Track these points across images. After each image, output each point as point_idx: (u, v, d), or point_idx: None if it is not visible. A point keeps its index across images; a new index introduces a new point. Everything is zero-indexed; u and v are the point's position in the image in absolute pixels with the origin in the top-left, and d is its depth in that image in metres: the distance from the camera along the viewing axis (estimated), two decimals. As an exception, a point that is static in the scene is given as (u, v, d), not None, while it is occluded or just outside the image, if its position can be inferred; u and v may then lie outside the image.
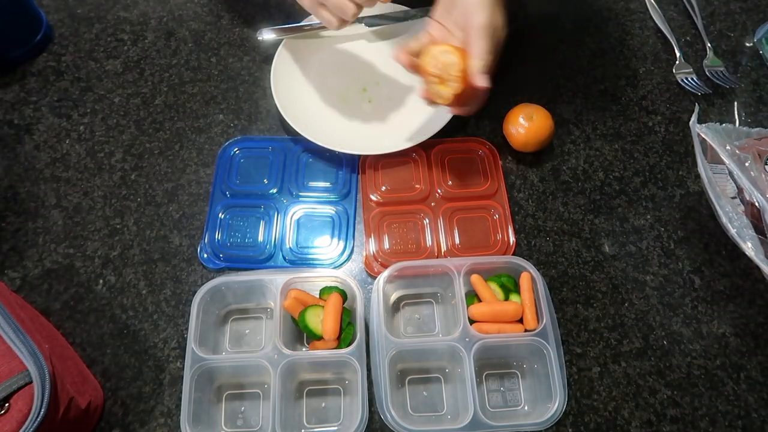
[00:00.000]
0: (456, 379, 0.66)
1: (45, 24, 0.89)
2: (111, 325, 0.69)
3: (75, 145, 0.81)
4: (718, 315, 0.70)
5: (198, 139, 0.82)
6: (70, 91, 0.86)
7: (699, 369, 0.67)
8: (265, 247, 0.73)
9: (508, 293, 0.68)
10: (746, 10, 0.95)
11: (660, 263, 0.74)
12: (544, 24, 0.93)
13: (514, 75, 0.88)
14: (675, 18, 0.94)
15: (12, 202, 0.76)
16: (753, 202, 0.68)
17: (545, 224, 0.76)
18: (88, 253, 0.73)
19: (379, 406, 0.61)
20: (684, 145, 0.82)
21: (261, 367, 0.62)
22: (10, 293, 0.64)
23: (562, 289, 0.72)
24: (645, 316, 0.70)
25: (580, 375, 0.67)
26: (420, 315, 0.71)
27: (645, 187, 0.79)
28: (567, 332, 0.69)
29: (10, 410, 0.52)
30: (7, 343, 0.55)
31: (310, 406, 0.65)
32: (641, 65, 0.89)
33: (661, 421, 0.65)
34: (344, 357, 0.62)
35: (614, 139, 0.83)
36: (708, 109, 0.85)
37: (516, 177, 0.79)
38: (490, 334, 0.64)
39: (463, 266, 0.67)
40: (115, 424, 0.64)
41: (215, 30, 0.92)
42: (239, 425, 0.64)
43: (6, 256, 0.73)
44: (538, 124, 0.77)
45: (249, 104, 0.85)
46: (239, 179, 0.78)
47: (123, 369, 0.67)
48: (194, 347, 0.62)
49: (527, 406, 0.65)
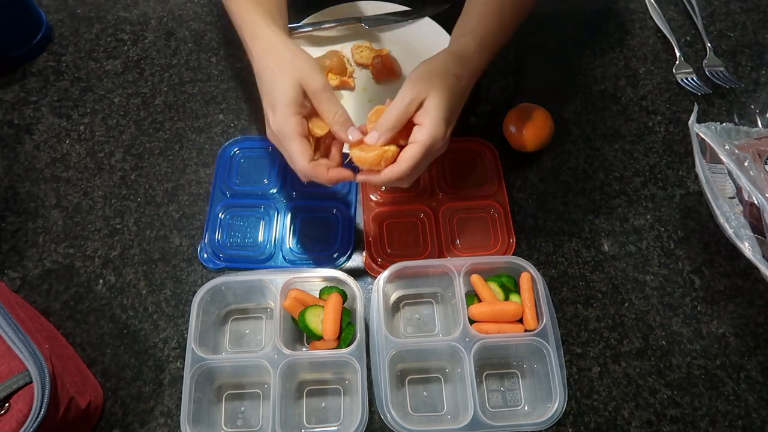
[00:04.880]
0: (456, 379, 0.66)
1: (45, 24, 0.89)
2: (111, 325, 0.69)
3: (75, 145, 0.81)
4: (718, 315, 0.70)
5: (198, 139, 0.82)
6: (70, 91, 0.86)
7: (699, 369, 0.67)
8: (265, 247, 0.73)
9: (508, 293, 0.68)
10: (746, 10, 0.95)
11: (660, 263, 0.74)
12: (544, 24, 0.93)
13: (514, 75, 0.88)
14: (675, 18, 0.94)
15: (12, 202, 0.76)
16: (752, 202, 0.68)
17: (545, 224, 0.76)
18: (88, 253, 0.73)
19: (379, 406, 0.61)
20: (684, 145, 0.82)
21: (261, 367, 0.62)
22: (10, 293, 0.64)
23: (562, 289, 0.72)
24: (645, 316, 0.70)
25: (580, 375, 0.67)
26: (420, 315, 0.71)
27: (645, 187, 0.79)
28: (567, 332, 0.69)
29: (10, 410, 0.52)
30: (7, 343, 0.55)
31: (310, 406, 0.65)
32: (641, 65, 0.89)
33: (661, 421, 0.65)
34: (344, 357, 0.62)
35: (614, 139, 0.83)
36: (708, 109, 0.85)
37: (516, 177, 0.79)
38: (490, 334, 0.64)
39: (463, 266, 0.67)
40: (115, 424, 0.64)
41: (215, 30, 0.92)
42: (239, 425, 0.64)
43: (6, 256, 0.73)
44: (538, 124, 0.77)
45: (249, 104, 0.85)
46: (239, 179, 0.78)
47: (123, 369, 0.67)
48: (194, 347, 0.62)
49: (527, 406, 0.65)
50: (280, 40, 0.63)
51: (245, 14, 0.66)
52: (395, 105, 0.60)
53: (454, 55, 0.65)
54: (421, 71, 0.62)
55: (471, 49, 0.65)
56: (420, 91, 0.60)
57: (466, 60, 0.65)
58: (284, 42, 0.63)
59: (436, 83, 0.60)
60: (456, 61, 0.64)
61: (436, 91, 0.60)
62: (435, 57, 0.64)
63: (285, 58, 0.61)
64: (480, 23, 0.68)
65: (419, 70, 0.62)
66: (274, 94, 0.60)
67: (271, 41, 0.63)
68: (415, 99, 0.59)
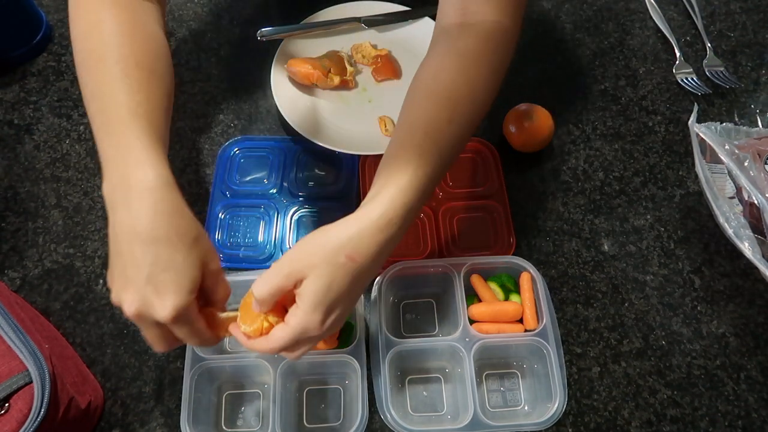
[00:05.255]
0: (456, 379, 0.66)
1: (45, 24, 0.89)
2: (111, 325, 0.69)
3: (75, 145, 0.81)
4: (718, 315, 0.70)
5: (198, 139, 0.82)
6: (70, 91, 0.86)
7: (699, 369, 0.67)
8: (265, 247, 0.73)
9: (508, 293, 0.68)
10: (746, 10, 0.95)
11: (660, 263, 0.74)
12: (544, 24, 0.93)
13: (514, 75, 0.88)
14: (675, 18, 0.94)
15: (12, 202, 0.76)
16: (752, 202, 0.68)
17: (545, 224, 0.76)
18: (88, 253, 0.73)
19: (379, 406, 0.61)
20: (684, 145, 0.82)
21: (261, 367, 0.62)
22: (10, 293, 0.64)
23: (562, 289, 0.72)
24: (645, 316, 0.70)
25: (580, 375, 0.67)
26: (420, 315, 0.71)
27: (645, 187, 0.79)
28: (567, 332, 0.69)
29: (10, 410, 0.52)
30: (7, 343, 0.55)
31: (310, 406, 0.65)
32: (641, 65, 0.89)
33: (661, 421, 0.65)
34: (344, 357, 0.62)
35: (614, 139, 0.83)
36: (708, 109, 0.85)
37: (516, 177, 0.79)
38: (490, 334, 0.64)
39: (463, 266, 0.67)
40: (115, 424, 0.64)
41: (215, 30, 0.92)
42: (239, 425, 0.64)
43: (6, 256, 0.73)
44: (538, 124, 0.77)
45: (249, 104, 0.85)
46: (239, 179, 0.78)
47: (123, 369, 0.67)
48: (194, 347, 0.62)
49: (527, 406, 0.65)
50: (183, 203, 0.48)
51: (117, 123, 0.49)
52: (268, 276, 0.48)
53: (360, 223, 0.49)
54: (308, 241, 0.49)
55: (394, 210, 0.50)
56: (297, 268, 0.48)
57: (377, 232, 0.49)
58: (176, 192, 0.48)
59: (316, 263, 0.47)
60: (357, 237, 0.49)
61: (316, 273, 0.47)
62: (334, 225, 0.50)
63: (194, 232, 0.47)
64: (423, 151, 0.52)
65: (306, 239, 0.49)
66: (169, 273, 0.46)
67: (175, 204, 0.48)
68: (291, 275, 0.48)
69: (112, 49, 0.52)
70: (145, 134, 0.49)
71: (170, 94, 0.55)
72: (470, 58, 0.57)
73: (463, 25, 0.58)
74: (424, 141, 0.53)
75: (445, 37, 0.59)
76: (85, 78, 0.53)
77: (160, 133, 0.50)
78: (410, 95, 0.58)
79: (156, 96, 0.52)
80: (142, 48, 0.53)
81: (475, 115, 0.57)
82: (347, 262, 0.48)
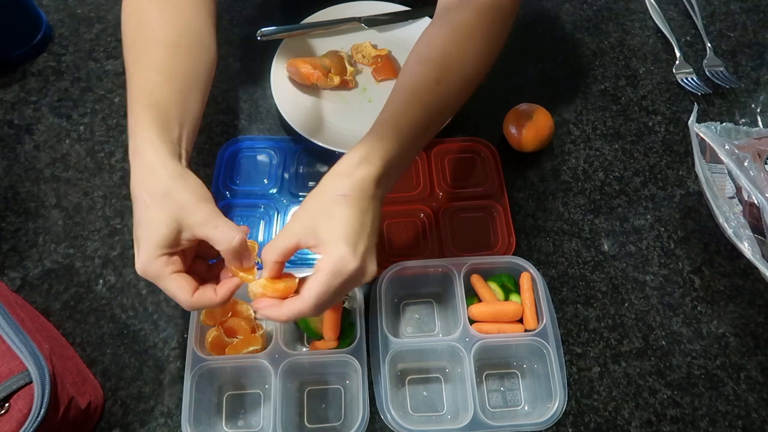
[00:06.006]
0: (456, 379, 0.66)
1: (45, 24, 0.89)
2: (111, 325, 0.69)
3: (75, 145, 0.81)
4: (718, 315, 0.70)
5: (198, 139, 0.81)
6: (70, 91, 0.86)
7: (699, 369, 0.67)
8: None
9: (508, 293, 0.68)
10: (746, 10, 0.95)
11: (660, 263, 0.74)
12: (544, 24, 0.93)
13: (514, 75, 0.88)
14: (675, 18, 0.94)
15: (12, 202, 0.76)
16: (752, 202, 0.68)
17: (545, 224, 0.76)
18: (88, 253, 0.73)
19: (379, 406, 0.61)
20: (684, 145, 0.82)
21: (261, 367, 0.62)
22: (10, 293, 0.64)
23: (562, 289, 0.72)
24: (645, 316, 0.70)
25: (580, 375, 0.67)
26: (420, 315, 0.71)
27: (645, 187, 0.79)
28: (567, 332, 0.69)
29: (10, 410, 0.52)
30: (7, 343, 0.55)
31: (311, 406, 0.65)
32: (641, 65, 0.90)
33: (661, 421, 0.65)
34: (344, 357, 0.62)
35: (614, 139, 0.83)
36: (708, 109, 0.85)
37: (516, 177, 0.79)
38: (490, 334, 0.64)
39: (463, 266, 0.67)
40: (115, 424, 0.64)
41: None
42: (240, 425, 0.64)
43: (6, 256, 0.73)
44: (538, 124, 0.78)
45: (249, 104, 0.85)
46: (239, 179, 0.78)
47: (123, 369, 0.67)
48: (194, 347, 0.62)
49: (527, 406, 0.65)
50: (162, 164, 0.52)
51: (133, 117, 0.56)
52: (281, 236, 0.52)
53: (341, 167, 0.55)
54: (305, 204, 0.54)
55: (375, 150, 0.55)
56: (308, 224, 0.52)
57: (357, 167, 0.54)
58: (166, 167, 0.52)
59: (321, 212, 0.53)
60: (343, 176, 0.54)
61: (325, 220, 0.52)
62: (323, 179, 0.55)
63: (162, 189, 0.51)
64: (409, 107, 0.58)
65: (303, 204, 0.54)
66: (141, 229, 0.51)
67: (151, 165, 0.53)
68: (304, 231, 0.52)
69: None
70: (143, 110, 0.56)
71: (195, 68, 0.61)
72: (464, 28, 0.61)
73: (462, 2, 0.62)
74: (411, 97, 0.58)
75: (444, 12, 0.63)
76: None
77: (162, 106, 0.56)
78: (405, 64, 0.62)
79: (176, 72, 0.59)
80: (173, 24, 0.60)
81: (466, 79, 0.60)
82: (343, 199, 0.52)
